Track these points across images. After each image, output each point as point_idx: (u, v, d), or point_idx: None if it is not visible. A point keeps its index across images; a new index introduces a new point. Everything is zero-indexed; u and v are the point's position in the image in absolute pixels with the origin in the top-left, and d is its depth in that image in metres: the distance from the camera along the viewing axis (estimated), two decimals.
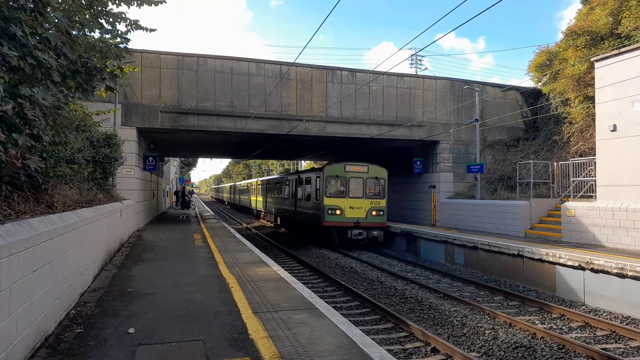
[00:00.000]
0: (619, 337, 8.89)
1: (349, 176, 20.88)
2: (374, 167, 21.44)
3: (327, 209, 20.35)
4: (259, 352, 4.76)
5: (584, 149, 19.12)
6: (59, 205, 6.47)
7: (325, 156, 35.33)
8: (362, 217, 20.61)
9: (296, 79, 20.86)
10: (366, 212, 20.68)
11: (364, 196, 20.87)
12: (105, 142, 12.83)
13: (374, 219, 20.79)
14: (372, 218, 20.75)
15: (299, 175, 25.39)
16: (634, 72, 13.55)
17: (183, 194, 39.80)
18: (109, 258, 10.63)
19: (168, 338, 5.21)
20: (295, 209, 25.35)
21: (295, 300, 7.02)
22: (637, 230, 12.88)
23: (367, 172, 21.14)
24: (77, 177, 9.28)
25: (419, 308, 10.78)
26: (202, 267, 10.00)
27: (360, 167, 21.12)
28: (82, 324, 5.73)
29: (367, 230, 20.46)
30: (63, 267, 5.92)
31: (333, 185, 20.88)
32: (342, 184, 20.92)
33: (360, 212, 20.62)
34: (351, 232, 20.23)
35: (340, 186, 20.92)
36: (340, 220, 20.43)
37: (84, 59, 6.30)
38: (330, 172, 20.87)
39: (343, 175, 20.87)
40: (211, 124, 19.79)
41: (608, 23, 20.20)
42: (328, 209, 20.35)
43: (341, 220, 20.43)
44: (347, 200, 20.61)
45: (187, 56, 19.62)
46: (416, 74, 38.19)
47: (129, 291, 7.58)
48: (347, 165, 21.00)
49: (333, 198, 20.59)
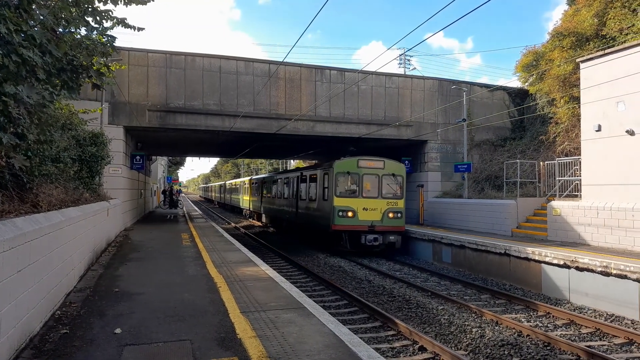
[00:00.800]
0: (603, 335, 9.03)
1: (362, 173, 18.45)
2: (391, 162, 19.28)
3: (338, 211, 17.95)
4: (247, 351, 4.75)
5: (569, 149, 19.36)
6: (44, 205, 6.39)
7: (314, 156, 35.34)
8: (378, 219, 18.24)
9: (285, 78, 20.84)
10: (382, 214, 18.32)
11: (379, 196, 18.52)
12: (92, 140, 12.72)
13: (391, 222, 18.44)
14: (388, 221, 18.38)
15: (302, 172, 23.05)
16: (618, 73, 13.76)
17: (171, 193, 39.57)
18: (96, 258, 10.53)
19: (155, 338, 5.18)
20: (297, 210, 23.02)
21: (284, 300, 7.01)
22: (621, 229, 13.09)
23: (382, 168, 18.77)
24: (63, 176, 9.18)
25: (407, 307, 10.84)
26: (189, 266, 9.95)
27: (375, 163, 18.80)
28: (68, 325, 5.67)
29: (383, 235, 18.10)
30: (48, 267, 5.85)
31: (344, 183, 18.46)
32: (354, 181, 18.48)
33: (376, 214, 18.28)
34: (365, 238, 17.84)
35: (352, 184, 18.51)
36: (353, 224, 18.01)
37: (70, 57, 6.24)
38: (341, 168, 18.39)
39: (355, 172, 18.40)
40: (199, 123, 19.70)
41: (593, 24, 20.47)
42: (339, 210, 17.96)
43: (354, 224, 18.02)
44: (360, 201, 18.24)
45: (175, 54, 19.51)
46: (405, 73, 38.40)
47: (116, 291, 7.52)
48: (360, 160, 18.60)
49: (344, 198, 18.21)
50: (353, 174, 18.40)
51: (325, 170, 19.25)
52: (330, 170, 18.58)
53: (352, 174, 18.39)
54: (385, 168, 18.83)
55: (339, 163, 18.57)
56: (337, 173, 18.34)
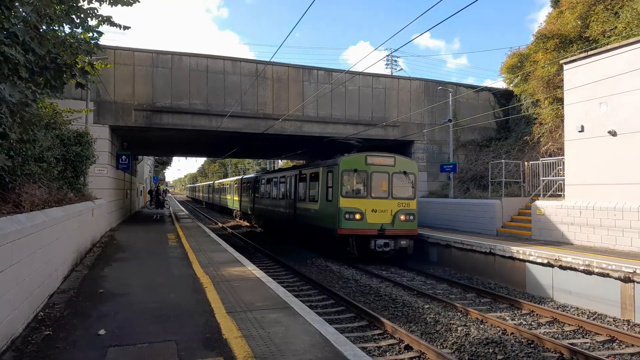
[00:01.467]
0: (585, 332, 9.17)
1: (371, 170, 16.63)
2: (402, 158, 17.58)
3: (344, 213, 16.09)
4: (233, 351, 4.75)
5: (553, 149, 19.62)
6: (27, 205, 6.32)
7: (302, 156, 35.34)
8: (388, 222, 16.43)
9: (272, 77, 20.81)
10: (393, 217, 16.52)
11: (389, 196, 16.71)
12: (77, 140, 12.60)
13: (403, 225, 16.63)
14: (400, 224, 16.57)
15: (301, 170, 21.06)
16: (600, 75, 13.98)
17: (157, 193, 39.29)
18: (80, 258, 10.41)
19: (140, 339, 5.15)
20: (295, 212, 21.04)
21: (270, 300, 7.01)
22: (603, 228, 13.30)
23: (393, 166, 16.96)
24: (46, 175, 9.08)
25: (393, 306, 10.89)
26: (175, 267, 9.89)
27: (385, 159, 16.96)
28: (51, 326, 5.61)
29: (394, 240, 16.36)
30: (31, 268, 5.78)
31: (351, 182, 16.72)
32: (362, 180, 16.71)
33: (386, 217, 16.46)
34: (375, 243, 16.09)
35: (359, 183, 16.78)
36: (361, 227, 16.19)
37: (53, 55, 6.16)
38: (348, 165, 16.55)
39: (364, 170, 16.58)
40: (186, 122, 19.58)
41: (577, 27, 20.78)
42: (345, 212, 16.10)
43: (362, 227, 16.20)
44: (368, 202, 16.42)
45: (162, 53, 19.37)
46: (391, 74, 38.58)
47: (100, 292, 7.46)
48: (368, 157, 16.80)
49: (351, 199, 16.40)
50: (361, 172, 16.62)
51: (329, 168, 17.44)
52: (335, 168, 16.81)
53: (360, 171, 16.61)
54: (397, 165, 17.06)
55: (345, 159, 16.78)
56: (343, 171, 16.53)
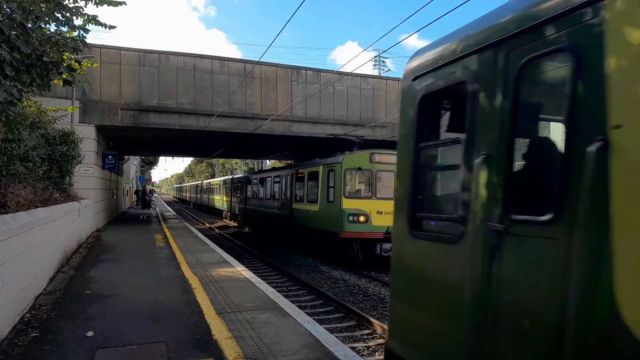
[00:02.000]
0: None
1: (375, 169, 15.47)
2: None
3: (348, 215, 15.04)
4: (223, 352, 4.73)
5: None
6: (12, 205, 6.22)
7: (290, 156, 35.30)
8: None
9: (261, 77, 20.76)
10: None
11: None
12: (62, 139, 12.44)
13: None
14: None
15: (298, 169, 20.05)
16: None
17: (144, 193, 38.94)
18: (66, 259, 10.28)
19: (129, 340, 5.09)
20: (291, 213, 19.98)
21: (260, 300, 7.00)
22: None
23: None
24: (31, 175, 8.96)
25: (382, 305, 10.93)
26: (163, 267, 9.82)
27: (391, 157, 15.20)
28: (38, 328, 5.53)
29: None
30: (16, 269, 5.69)
31: (354, 182, 15.71)
32: (366, 179, 15.68)
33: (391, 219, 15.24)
34: (380, 247, 14.97)
35: (364, 183, 15.79)
36: (366, 230, 15.15)
37: (39, 52, 6.07)
38: (351, 163, 15.46)
39: (368, 168, 15.48)
40: (173, 122, 19.43)
41: None
42: (348, 214, 15.04)
43: (366, 230, 15.15)
44: (373, 203, 15.29)
45: (149, 52, 19.19)
46: (379, 75, 38.74)
47: (88, 293, 7.37)
48: (373, 154, 15.60)
49: (355, 199, 15.35)
50: (365, 171, 15.52)
51: (330, 166, 16.36)
52: (337, 166, 15.73)
53: (364, 170, 15.50)
54: None
55: (348, 157, 15.75)
56: (346, 169, 15.44)
